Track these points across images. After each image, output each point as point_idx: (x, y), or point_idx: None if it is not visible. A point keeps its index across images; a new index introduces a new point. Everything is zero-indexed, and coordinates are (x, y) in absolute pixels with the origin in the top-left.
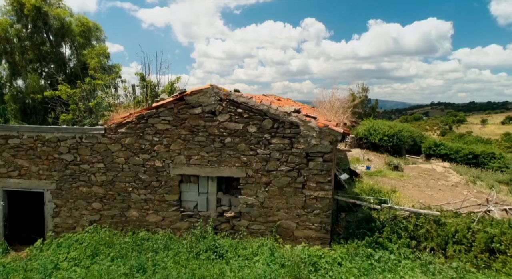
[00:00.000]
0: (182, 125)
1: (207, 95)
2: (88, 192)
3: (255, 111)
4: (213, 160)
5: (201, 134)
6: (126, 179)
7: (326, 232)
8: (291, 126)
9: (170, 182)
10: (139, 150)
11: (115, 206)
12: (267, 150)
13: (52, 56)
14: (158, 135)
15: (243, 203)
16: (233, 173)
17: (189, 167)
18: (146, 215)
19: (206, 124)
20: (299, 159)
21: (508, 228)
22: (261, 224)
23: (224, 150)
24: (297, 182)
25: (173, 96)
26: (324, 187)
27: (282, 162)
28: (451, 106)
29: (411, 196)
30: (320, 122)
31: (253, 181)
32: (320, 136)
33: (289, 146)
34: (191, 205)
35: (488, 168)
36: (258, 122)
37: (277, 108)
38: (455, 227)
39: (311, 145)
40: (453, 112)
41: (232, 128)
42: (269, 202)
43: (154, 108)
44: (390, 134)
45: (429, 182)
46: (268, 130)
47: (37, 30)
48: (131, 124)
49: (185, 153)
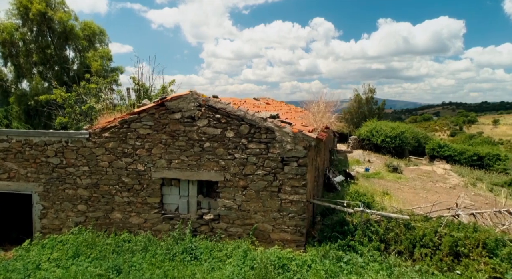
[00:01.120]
0: (163, 130)
1: (187, 101)
2: (73, 194)
3: (233, 117)
4: (192, 163)
5: (181, 139)
6: (110, 182)
7: (301, 234)
8: (267, 132)
9: (152, 185)
10: (122, 154)
11: (99, 208)
12: (244, 154)
13: (56, 59)
14: (140, 140)
15: (221, 206)
16: (212, 176)
17: (170, 171)
18: (129, 217)
19: (186, 129)
20: (274, 163)
21: (473, 232)
22: (239, 227)
23: (203, 154)
24: (273, 185)
25: (154, 102)
26: (299, 190)
27: (258, 166)
28: (463, 106)
29: (404, 198)
30: (294, 128)
31: (231, 185)
32: (295, 141)
33: (265, 151)
34: (173, 208)
35: (492, 169)
36: (235, 127)
37: (254, 114)
38: (423, 230)
39: (286, 149)
40: (464, 113)
41: (211, 133)
42: (246, 205)
43: (136, 114)
44: (393, 135)
45: (427, 184)
46: (245, 135)
47: (41, 34)
48: (115, 129)
49: (166, 156)
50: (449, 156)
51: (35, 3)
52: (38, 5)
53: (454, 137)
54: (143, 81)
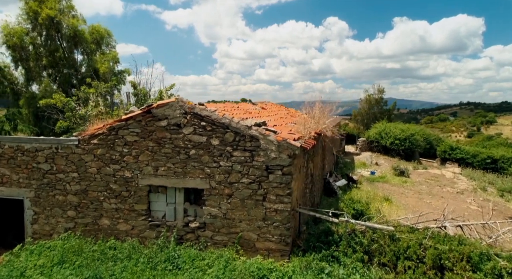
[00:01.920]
0: (149, 137)
1: (173, 108)
2: (63, 200)
3: (218, 124)
4: (178, 171)
5: (167, 146)
6: (98, 188)
7: (285, 244)
8: (251, 140)
9: (139, 192)
10: (110, 161)
11: (88, 214)
12: (229, 162)
13: (65, 62)
14: (127, 147)
15: (207, 214)
16: (198, 184)
17: (156, 178)
18: (117, 224)
19: (172, 137)
20: (259, 172)
21: (458, 245)
22: (224, 235)
23: (189, 162)
24: (257, 194)
25: (141, 109)
26: (283, 199)
27: (243, 174)
28: (482, 106)
29: (406, 204)
30: (279, 136)
31: (216, 193)
32: (279, 150)
33: (250, 159)
34: (160, 215)
35: (507, 173)
36: (220, 135)
37: (239, 121)
38: (407, 242)
39: (270, 158)
40: (482, 113)
41: (196, 140)
42: (232, 213)
43: (124, 121)
44: (402, 138)
45: (434, 188)
46: (230, 143)
47: (50, 38)
48: (103, 135)
49: (153, 164)
50: (462, 158)
51: (44, 8)
52: (48, 10)
53: (471, 138)
54: (143, 86)
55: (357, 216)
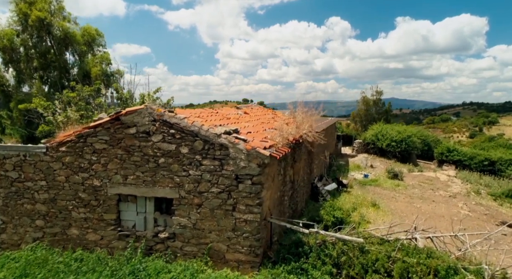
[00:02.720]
0: (118, 145)
1: (141, 116)
2: (32, 209)
3: (187, 132)
4: (148, 180)
5: (136, 154)
6: (67, 197)
7: (255, 255)
8: (221, 148)
9: (108, 201)
10: (79, 169)
11: (57, 223)
12: (198, 171)
13: (56, 64)
14: (96, 155)
15: (176, 224)
16: (167, 193)
17: (125, 187)
18: (86, 234)
19: (141, 144)
20: (229, 181)
21: (426, 258)
22: (194, 246)
23: (158, 170)
24: (227, 204)
25: (110, 116)
26: (253, 210)
27: (213, 184)
28: (485, 106)
29: (395, 209)
30: (248, 145)
31: (186, 202)
32: (248, 158)
33: (219, 168)
34: (130, 224)
35: (505, 175)
36: (190, 143)
37: (208, 129)
38: (376, 255)
39: (240, 167)
40: (485, 113)
41: (165, 148)
42: (201, 223)
43: (92, 128)
44: (398, 139)
45: (426, 192)
46: (200, 151)
47: (40, 40)
48: (71, 143)
49: (122, 172)
50: (459, 160)
51: (34, 10)
52: (37, 11)
53: (473, 139)
54: (128, 89)
55: (337, 224)
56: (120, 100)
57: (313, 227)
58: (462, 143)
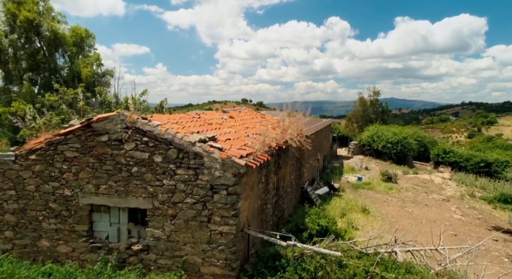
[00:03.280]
0: (90, 153)
1: (114, 123)
2: (0, 220)
3: (161, 140)
4: (120, 189)
5: (108, 163)
6: (37, 208)
7: (231, 269)
8: (195, 157)
9: (80, 211)
10: (49, 178)
11: (26, 235)
12: (172, 181)
13: (46, 65)
14: (67, 163)
15: (150, 235)
16: (140, 204)
17: (98, 197)
18: (57, 245)
19: (113, 153)
20: (204, 191)
21: (405, 273)
22: (168, 259)
23: (131, 180)
24: (202, 215)
25: (81, 123)
26: (228, 221)
27: (187, 194)
28: (484, 106)
29: (386, 214)
30: (223, 154)
31: (160, 213)
32: (223, 168)
33: (194, 177)
34: (104, 236)
35: (501, 177)
36: (163, 151)
37: (182, 137)
38: (354, 269)
39: (215, 176)
40: (483, 113)
41: (139, 157)
42: (175, 235)
43: (63, 135)
44: (394, 141)
45: (419, 195)
46: (174, 160)
47: (29, 41)
48: (41, 151)
49: (94, 181)
50: (455, 162)
51: (23, 11)
52: (26, 12)
53: (472, 139)
54: (114, 93)
55: (322, 232)
56: (103, 104)
57: (290, 239)
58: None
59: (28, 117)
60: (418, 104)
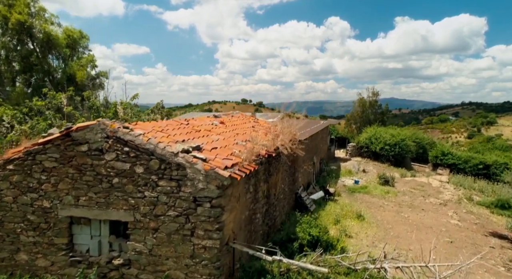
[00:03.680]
0: (69, 163)
1: (94, 132)
2: None
3: (142, 151)
4: (101, 201)
5: (88, 174)
6: (15, 220)
7: None
8: (178, 168)
9: (59, 224)
10: (27, 189)
11: (4, 248)
12: (154, 192)
13: (39, 68)
14: (45, 174)
15: (131, 249)
16: (121, 216)
17: (77, 209)
18: (35, 259)
19: (94, 163)
20: (187, 204)
21: None
22: (150, 274)
23: (112, 191)
24: (185, 228)
25: (60, 132)
26: (212, 235)
27: (170, 206)
28: (484, 106)
29: (382, 220)
30: (207, 165)
31: (141, 226)
32: (207, 180)
33: (176, 189)
34: (84, 249)
35: (500, 179)
36: (145, 162)
37: (165, 147)
38: None
39: (198, 188)
40: (483, 114)
41: (120, 168)
42: (158, 249)
43: (42, 144)
44: (392, 143)
45: (416, 199)
46: (156, 171)
47: (21, 43)
48: (19, 160)
49: (73, 193)
50: (453, 164)
51: (14, 13)
52: (17, 14)
53: (472, 139)
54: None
55: (313, 242)
56: (92, 108)
57: (276, 254)
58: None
59: (5, 125)
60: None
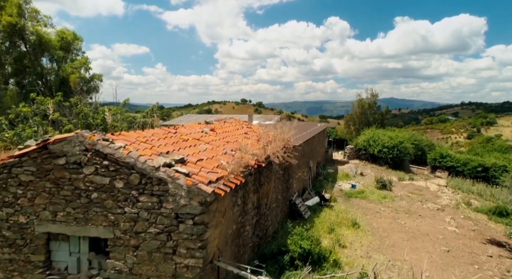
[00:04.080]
0: (46, 177)
1: (72, 144)
2: None
3: (122, 164)
4: (79, 217)
5: (66, 188)
6: None
7: None
8: (159, 183)
9: (36, 240)
10: (3, 203)
11: None
12: (135, 208)
13: (32, 70)
14: (22, 188)
15: (111, 267)
16: (100, 233)
17: (55, 224)
18: (11, 277)
19: (72, 177)
20: (168, 221)
21: None
22: None
23: (91, 207)
24: (167, 246)
25: (36, 145)
26: (195, 254)
27: (151, 223)
28: (483, 106)
29: (377, 227)
30: (189, 180)
31: (121, 243)
32: (189, 196)
33: (158, 205)
34: (63, 266)
35: (499, 182)
36: (125, 176)
37: (146, 161)
38: None
39: (180, 205)
40: (483, 114)
41: (99, 182)
42: (138, 268)
43: (17, 157)
44: (390, 145)
45: (414, 204)
46: (136, 186)
47: (13, 45)
48: None
49: (51, 208)
50: (452, 166)
51: (5, 15)
52: (8, 17)
53: (471, 139)
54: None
55: (305, 255)
56: (79, 114)
57: (261, 274)
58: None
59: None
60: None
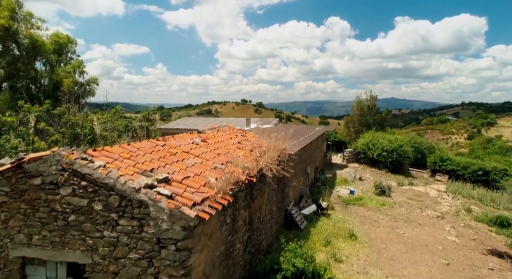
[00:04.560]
0: (21, 197)
1: (48, 164)
2: None
3: (101, 185)
4: (56, 240)
5: (42, 210)
6: None
7: None
8: (140, 206)
9: (10, 265)
10: None
11: None
12: (114, 232)
13: (25, 74)
14: None
15: None
16: (78, 258)
17: (30, 248)
18: None
19: (48, 198)
20: (150, 246)
21: None
22: None
23: (68, 230)
24: (148, 273)
25: (10, 163)
26: None
27: (131, 248)
28: (484, 106)
29: (375, 238)
30: (171, 203)
31: (100, 269)
32: (171, 220)
33: (138, 229)
34: None
35: (499, 186)
36: (104, 198)
37: (126, 182)
38: None
39: (162, 229)
40: (483, 114)
41: (76, 204)
42: None
43: None
44: (389, 149)
45: (413, 212)
46: (115, 208)
47: (6, 49)
48: None
49: (26, 231)
50: (452, 170)
51: None
52: (1, 20)
53: (472, 140)
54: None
55: (298, 274)
56: (67, 124)
57: None
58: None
59: None
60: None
